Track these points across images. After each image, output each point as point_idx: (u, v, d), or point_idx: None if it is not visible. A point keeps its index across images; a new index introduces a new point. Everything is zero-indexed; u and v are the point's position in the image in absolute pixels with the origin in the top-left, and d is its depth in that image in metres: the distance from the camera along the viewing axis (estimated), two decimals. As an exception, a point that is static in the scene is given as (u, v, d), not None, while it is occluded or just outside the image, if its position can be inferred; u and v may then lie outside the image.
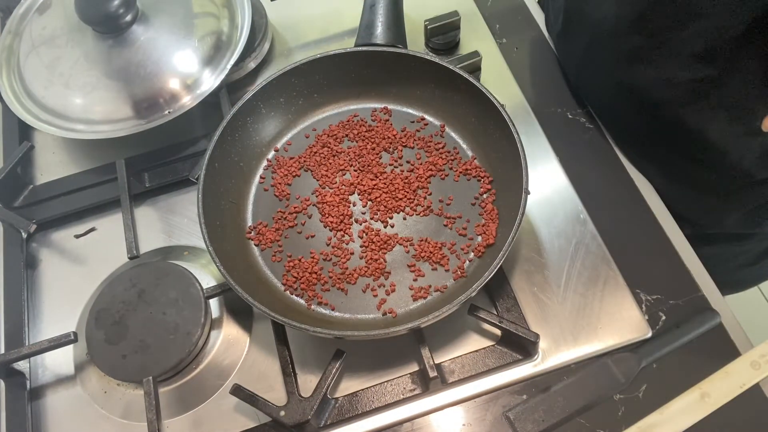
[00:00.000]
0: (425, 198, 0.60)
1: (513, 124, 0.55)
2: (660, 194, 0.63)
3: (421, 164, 0.61)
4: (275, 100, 0.63)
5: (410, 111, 0.65)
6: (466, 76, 0.58)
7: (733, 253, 0.75)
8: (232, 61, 0.67)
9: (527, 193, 0.52)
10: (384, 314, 0.55)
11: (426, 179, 0.60)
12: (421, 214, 0.59)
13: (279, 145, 0.64)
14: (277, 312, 0.49)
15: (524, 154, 0.54)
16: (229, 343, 0.58)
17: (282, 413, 0.51)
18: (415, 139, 0.63)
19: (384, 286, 0.56)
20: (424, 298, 0.55)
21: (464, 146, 0.62)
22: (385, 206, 0.59)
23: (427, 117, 0.64)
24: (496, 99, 0.57)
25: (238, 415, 0.54)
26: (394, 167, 0.62)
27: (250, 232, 0.59)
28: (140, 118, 0.65)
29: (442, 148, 0.62)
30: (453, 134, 0.63)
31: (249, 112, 0.61)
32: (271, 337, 0.56)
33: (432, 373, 0.51)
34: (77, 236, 0.66)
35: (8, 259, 0.65)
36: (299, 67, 0.61)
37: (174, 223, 0.65)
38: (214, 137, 0.58)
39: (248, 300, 0.50)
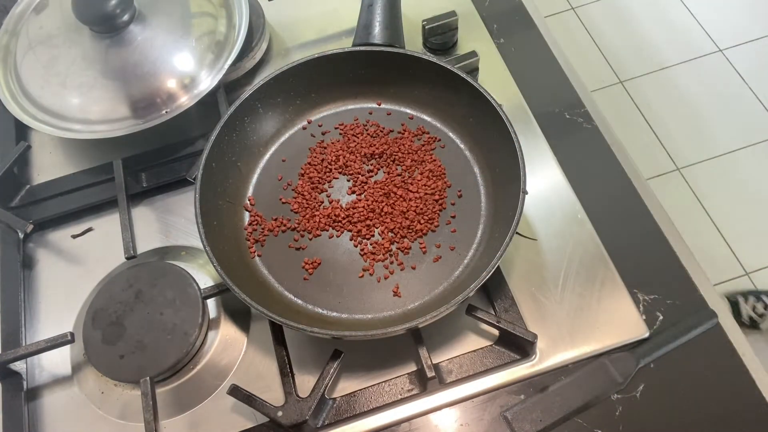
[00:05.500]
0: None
1: (511, 124, 0.55)
2: None
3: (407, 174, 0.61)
4: (273, 100, 0.63)
5: (407, 111, 0.65)
6: (464, 76, 0.58)
7: None
8: (229, 61, 0.67)
9: (525, 193, 0.52)
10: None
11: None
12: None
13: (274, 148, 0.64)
14: (274, 312, 0.49)
15: (522, 154, 0.54)
16: (226, 343, 0.58)
17: (279, 413, 0.51)
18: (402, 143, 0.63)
19: (383, 285, 0.56)
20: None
21: (462, 146, 0.62)
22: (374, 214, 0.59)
23: (424, 117, 0.64)
24: (494, 99, 0.57)
25: (236, 415, 0.54)
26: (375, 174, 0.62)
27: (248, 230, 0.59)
28: (137, 117, 0.65)
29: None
30: (451, 134, 0.63)
31: (246, 112, 0.61)
32: (269, 337, 0.56)
33: (430, 373, 0.51)
34: (74, 236, 0.65)
35: (5, 259, 0.64)
36: (297, 66, 0.61)
37: (171, 223, 0.65)
38: (211, 137, 0.57)
39: (245, 300, 0.50)
